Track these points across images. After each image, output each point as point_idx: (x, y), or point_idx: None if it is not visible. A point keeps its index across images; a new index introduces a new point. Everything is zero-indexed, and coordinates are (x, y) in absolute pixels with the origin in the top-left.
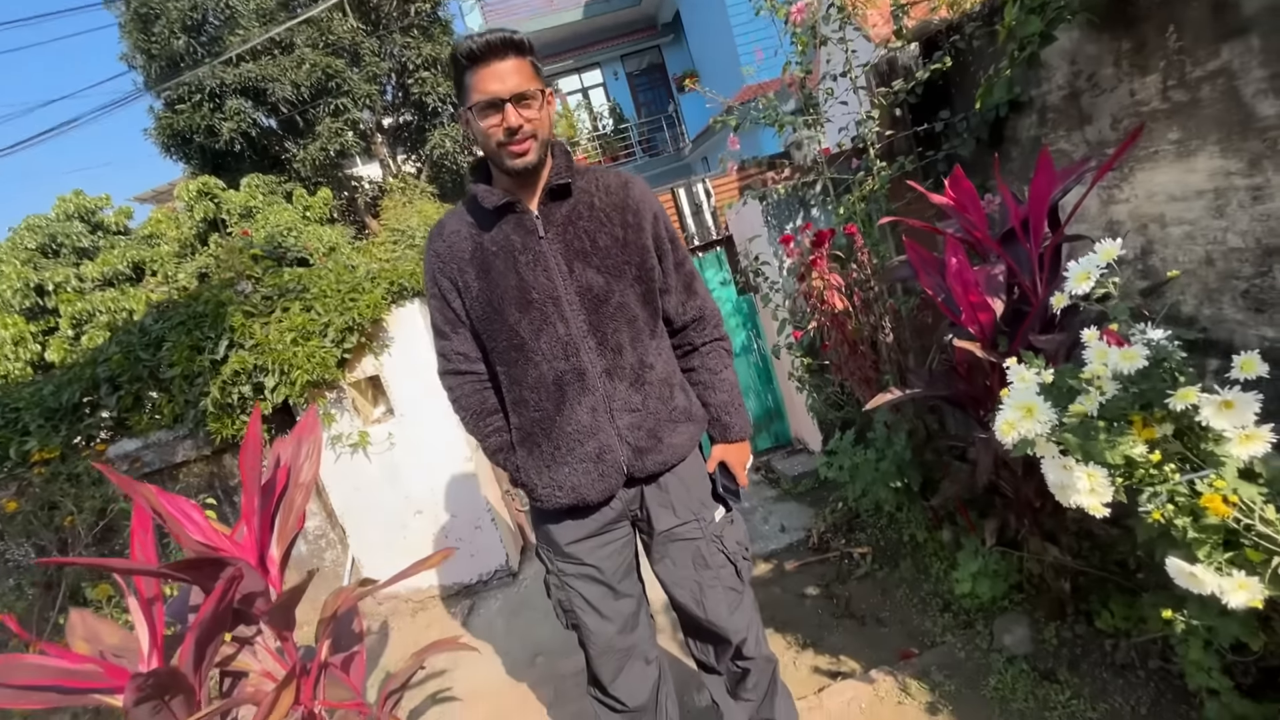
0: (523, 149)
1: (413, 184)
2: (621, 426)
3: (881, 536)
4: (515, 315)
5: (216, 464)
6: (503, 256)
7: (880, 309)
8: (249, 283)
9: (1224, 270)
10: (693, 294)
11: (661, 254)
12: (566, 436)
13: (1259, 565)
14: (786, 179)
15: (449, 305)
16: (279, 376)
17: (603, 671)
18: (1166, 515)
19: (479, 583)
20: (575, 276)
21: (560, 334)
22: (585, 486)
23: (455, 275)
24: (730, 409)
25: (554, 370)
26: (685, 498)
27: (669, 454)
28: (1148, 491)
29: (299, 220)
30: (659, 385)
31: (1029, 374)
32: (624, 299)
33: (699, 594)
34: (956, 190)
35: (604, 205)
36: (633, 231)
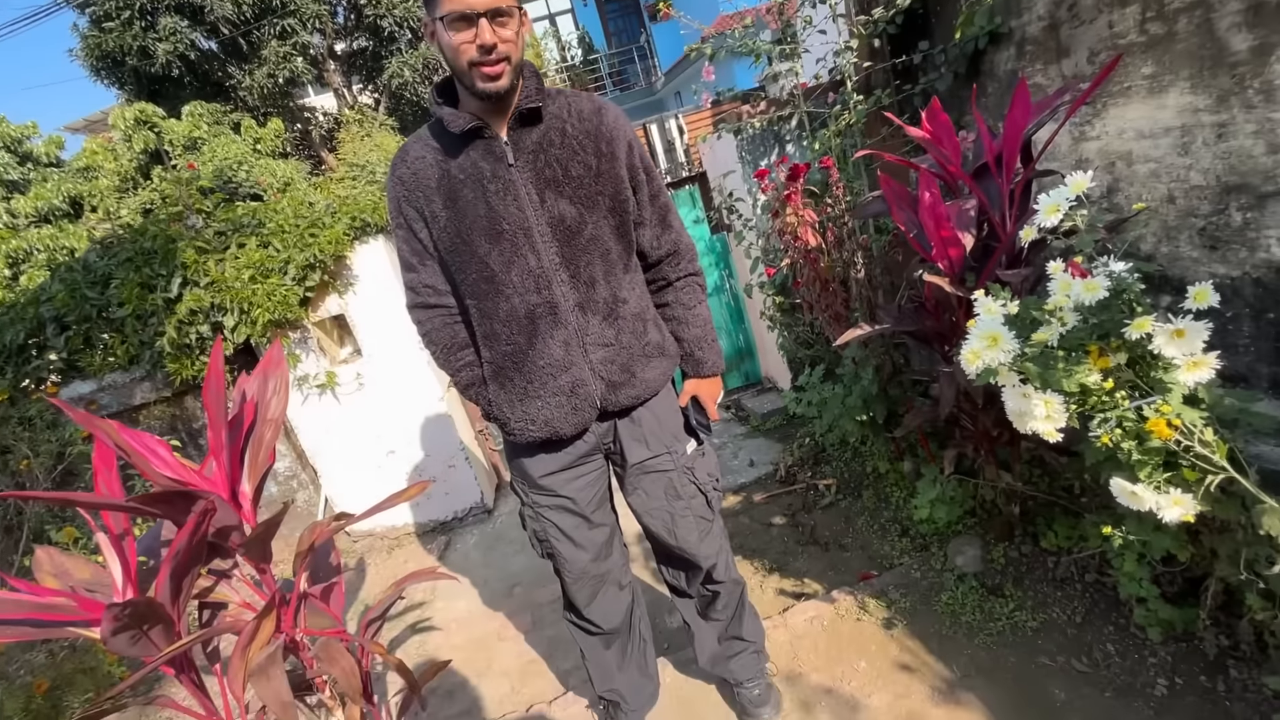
0: (496, 71)
1: (370, 116)
2: (595, 361)
3: (846, 469)
4: (485, 246)
5: (178, 406)
6: (471, 185)
7: (853, 245)
8: (199, 217)
9: (1184, 208)
10: (668, 227)
11: (636, 185)
12: (539, 370)
13: (1194, 484)
14: (762, 113)
15: (415, 236)
16: (239, 316)
17: (578, 597)
18: (1115, 439)
19: (454, 520)
20: (547, 207)
21: (531, 266)
22: (558, 420)
23: (421, 204)
24: (703, 344)
25: (526, 304)
26: (658, 431)
27: (642, 388)
28: (1099, 417)
29: (249, 153)
30: (632, 320)
31: (995, 305)
32: (597, 231)
33: (670, 523)
34: (933, 123)
35: (576, 132)
36: (606, 161)
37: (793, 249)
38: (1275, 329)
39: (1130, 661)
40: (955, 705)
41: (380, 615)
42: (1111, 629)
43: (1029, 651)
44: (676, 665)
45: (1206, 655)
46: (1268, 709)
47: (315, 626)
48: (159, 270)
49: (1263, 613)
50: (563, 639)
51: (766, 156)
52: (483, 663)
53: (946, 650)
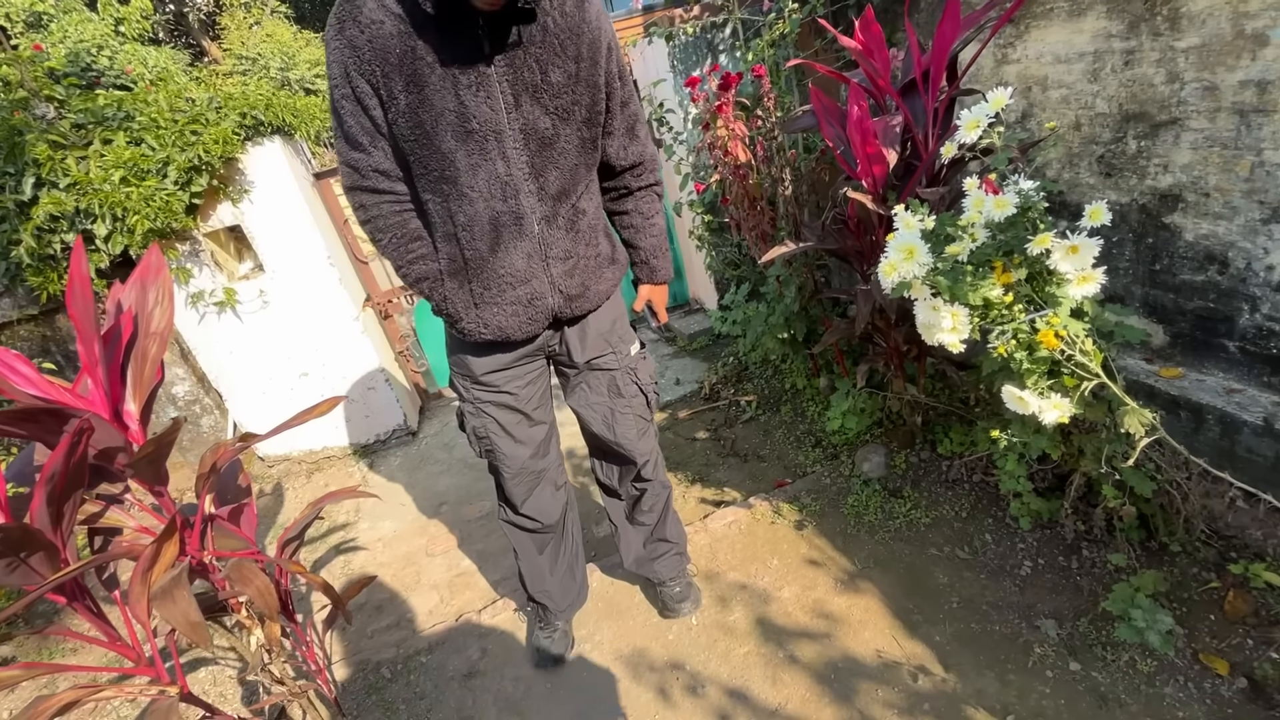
0: None
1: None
2: (555, 274)
3: (766, 386)
4: (450, 144)
5: (49, 325)
6: (440, 72)
7: (781, 162)
8: (51, 106)
9: (1088, 135)
10: (634, 137)
11: (610, 92)
12: (499, 279)
13: (1071, 390)
14: (695, 17)
15: (366, 113)
16: (112, 223)
17: (515, 493)
18: (1009, 349)
19: (377, 442)
20: (521, 112)
21: (500, 173)
22: (511, 328)
23: (377, 79)
24: (658, 253)
25: (490, 210)
26: (606, 332)
27: (594, 299)
28: (997, 330)
29: (110, 36)
30: (588, 231)
31: (913, 220)
32: (569, 143)
33: (610, 419)
34: (865, 34)
35: (559, 29)
36: (587, 66)
37: (722, 164)
38: (1151, 253)
39: (1003, 548)
40: (855, 593)
41: (298, 535)
42: (990, 521)
43: (920, 545)
44: (604, 570)
45: (1065, 540)
46: (1109, 580)
47: (225, 549)
48: (4, 168)
49: (1114, 501)
50: (491, 552)
51: (699, 66)
52: (411, 578)
53: (850, 547)
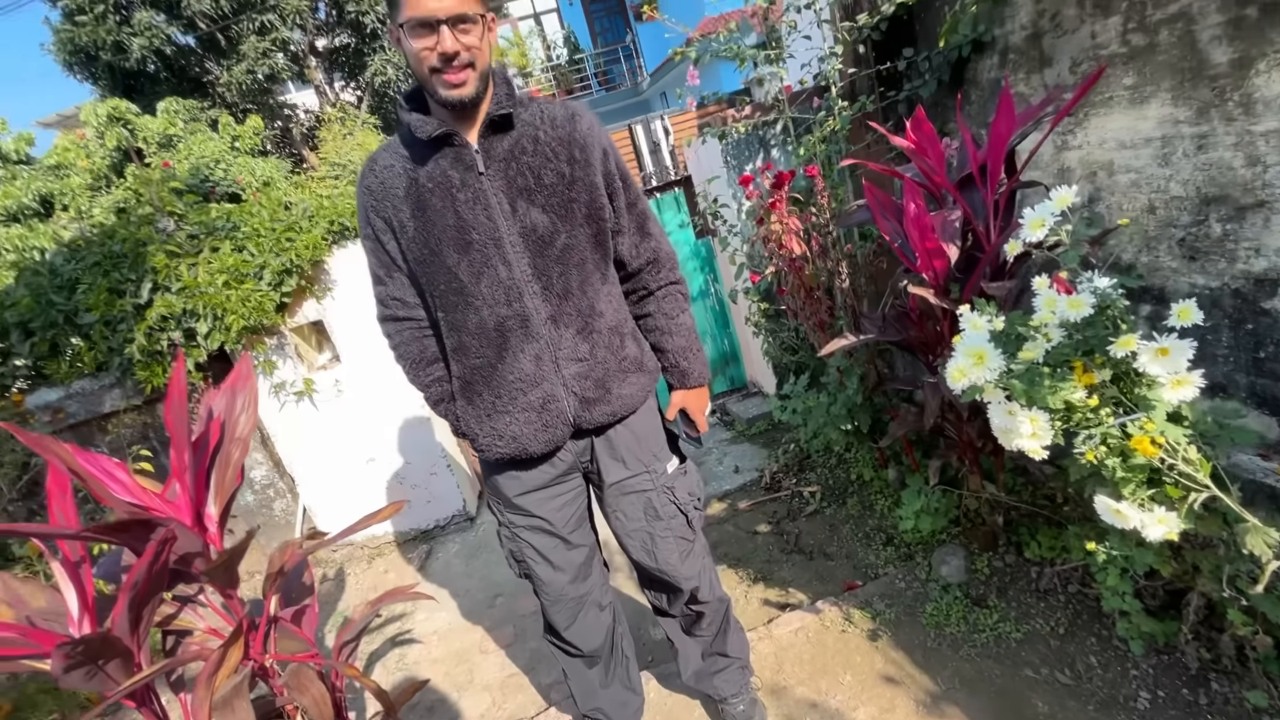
0: (459, 79)
1: (353, 114)
2: (568, 376)
3: (830, 476)
4: (454, 257)
5: (150, 414)
6: (439, 193)
7: (837, 254)
8: (171, 220)
9: (1164, 219)
10: (647, 235)
11: (613, 192)
12: (508, 385)
13: (1177, 501)
14: (746, 117)
15: (383, 248)
16: (212, 322)
17: (557, 619)
18: (1099, 456)
19: (436, 528)
20: (518, 216)
21: (502, 277)
22: (527, 437)
23: (390, 214)
24: (688, 354)
25: (495, 316)
26: (636, 449)
27: (618, 405)
28: (1083, 434)
29: (227, 151)
30: (608, 334)
31: (980, 321)
32: (572, 240)
33: (650, 544)
34: (917, 133)
35: (549, 139)
36: (580, 168)
37: (777, 256)
38: (1253, 340)
39: (1113, 674)
40: (940, 719)
41: (356, 636)
42: (1094, 641)
43: (1013, 664)
44: (660, 679)
45: (1188, 668)
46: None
47: (286, 651)
48: (128, 275)
49: (1244, 628)
50: (545, 653)
51: (751, 161)
52: (463, 676)
53: (931, 662)
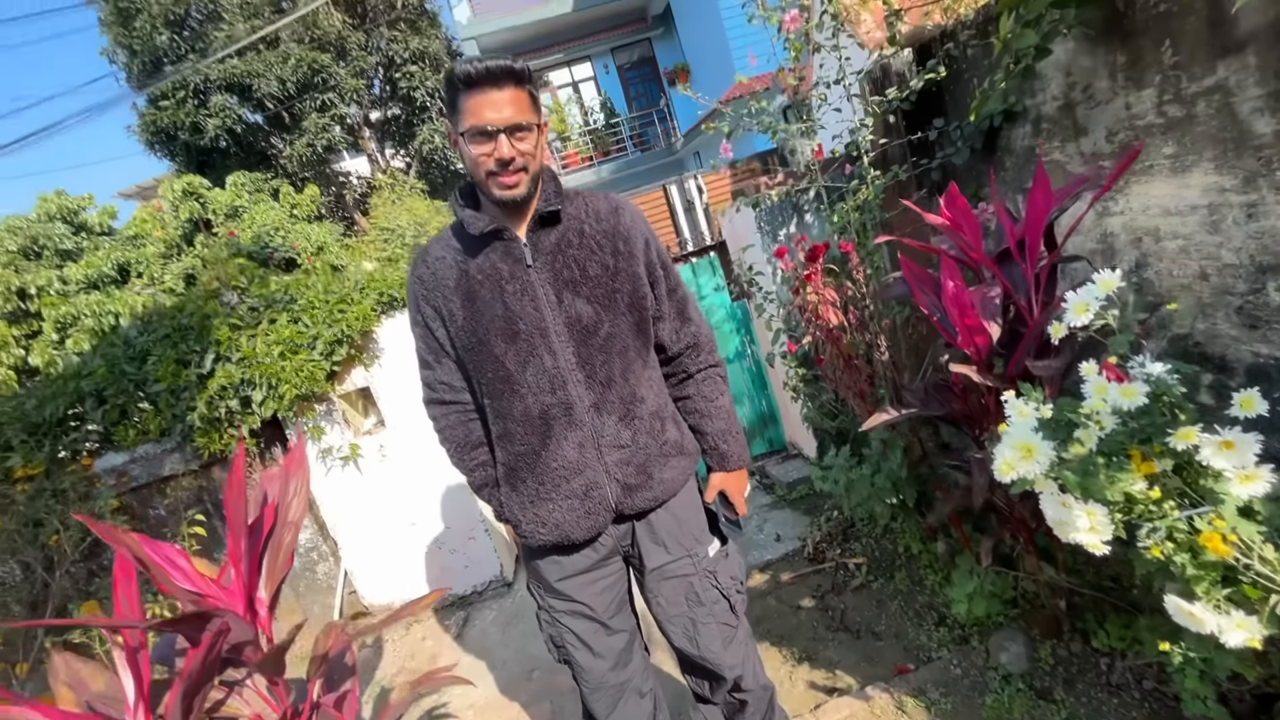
0: (513, 181)
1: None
2: (610, 463)
3: (876, 547)
4: (501, 346)
5: (206, 478)
6: (489, 285)
7: (876, 327)
8: (235, 293)
9: (1218, 286)
10: (686, 320)
11: (654, 280)
12: (552, 473)
13: (1257, 603)
14: (779, 184)
15: (433, 334)
16: (267, 390)
17: (597, 707)
18: (1166, 552)
19: (473, 594)
20: (564, 307)
21: (548, 366)
22: (570, 524)
23: (440, 303)
24: (728, 437)
25: (540, 404)
26: (677, 533)
27: (659, 490)
28: (1146, 527)
29: (286, 219)
30: (649, 419)
31: (1027, 409)
32: (615, 329)
33: (692, 630)
34: (952, 209)
35: (594, 232)
36: (624, 259)
37: (814, 326)
38: None
39: None
40: None
41: None
42: None
43: None
44: None
45: None
46: None
47: None
48: (194, 346)
49: None
50: None
51: (785, 226)
52: None
53: None
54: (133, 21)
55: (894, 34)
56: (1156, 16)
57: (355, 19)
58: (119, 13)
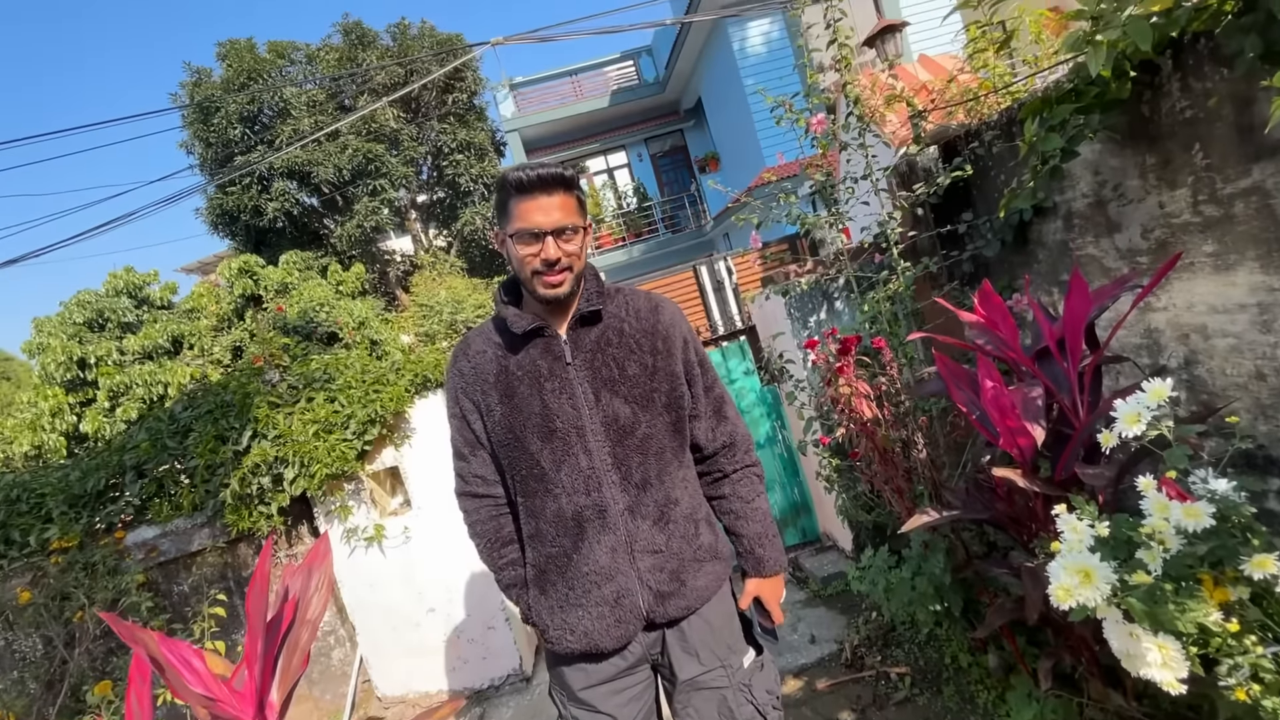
0: (558, 280)
1: (443, 259)
2: (643, 569)
3: (920, 655)
4: (537, 444)
5: (231, 554)
6: (528, 381)
7: (913, 423)
8: (277, 371)
9: (1278, 386)
10: (723, 419)
11: (691, 379)
12: (583, 578)
13: None
14: (809, 272)
15: (469, 426)
16: (299, 468)
17: None
18: (1253, 694)
19: (490, 688)
20: (602, 406)
21: (583, 466)
22: (599, 633)
23: (478, 397)
24: (764, 541)
25: (574, 505)
26: (710, 642)
27: (693, 598)
28: (1227, 664)
29: (331, 295)
30: (684, 522)
31: (1082, 526)
32: (651, 429)
33: None
34: (987, 306)
35: (634, 331)
36: (663, 359)
37: (848, 418)
38: None
39: None
40: None
41: None
42: None
43: None
44: None
45: None
46: None
47: None
48: (234, 423)
49: None
50: None
51: (815, 314)
52: None
53: None
54: (211, 118)
55: (919, 133)
56: (1184, 121)
57: (409, 113)
58: (200, 110)
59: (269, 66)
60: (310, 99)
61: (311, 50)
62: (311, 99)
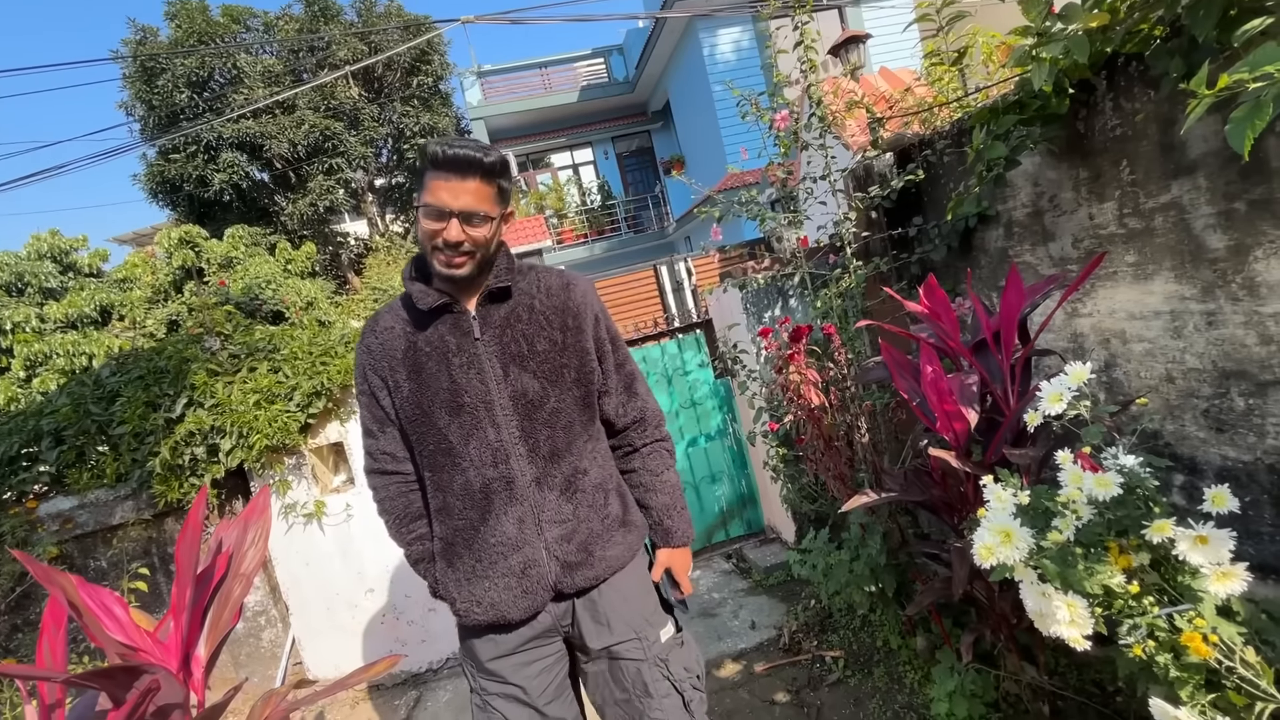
0: (457, 263)
1: (399, 243)
2: (550, 539)
3: (854, 640)
4: (445, 419)
5: (157, 528)
6: (435, 357)
7: (856, 409)
8: (218, 339)
9: (1184, 389)
10: (633, 395)
11: (602, 355)
12: (490, 549)
13: (1243, 710)
14: (766, 269)
15: (378, 403)
16: (237, 439)
17: None
18: (1148, 651)
19: (429, 671)
20: (510, 380)
21: (490, 439)
22: (506, 604)
23: (386, 374)
24: (672, 512)
25: (482, 477)
26: (625, 612)
27: (601, 568)
28: (1127, 624)
29: (279, 273)
30: (592, 491)
31: (1005, 494)
32: (560, 403)
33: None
34: (931, 299)
35: (544, 308)
36: (572, 335)
37: (796, 405)
38: None
39: None
40: None
41: None
42: None
43: None
44: None
45: None
46: None
47: None
48: (167, 390)
49: None
50: None
51: (770, 309)
52: None
53: None
54: (156, 80)
55: (876, 138)
56: (1114, 139)
57: (371, 92)
58: (144, 70)
59: (222, 31)
60: (266, 69)
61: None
62: (267, 69)
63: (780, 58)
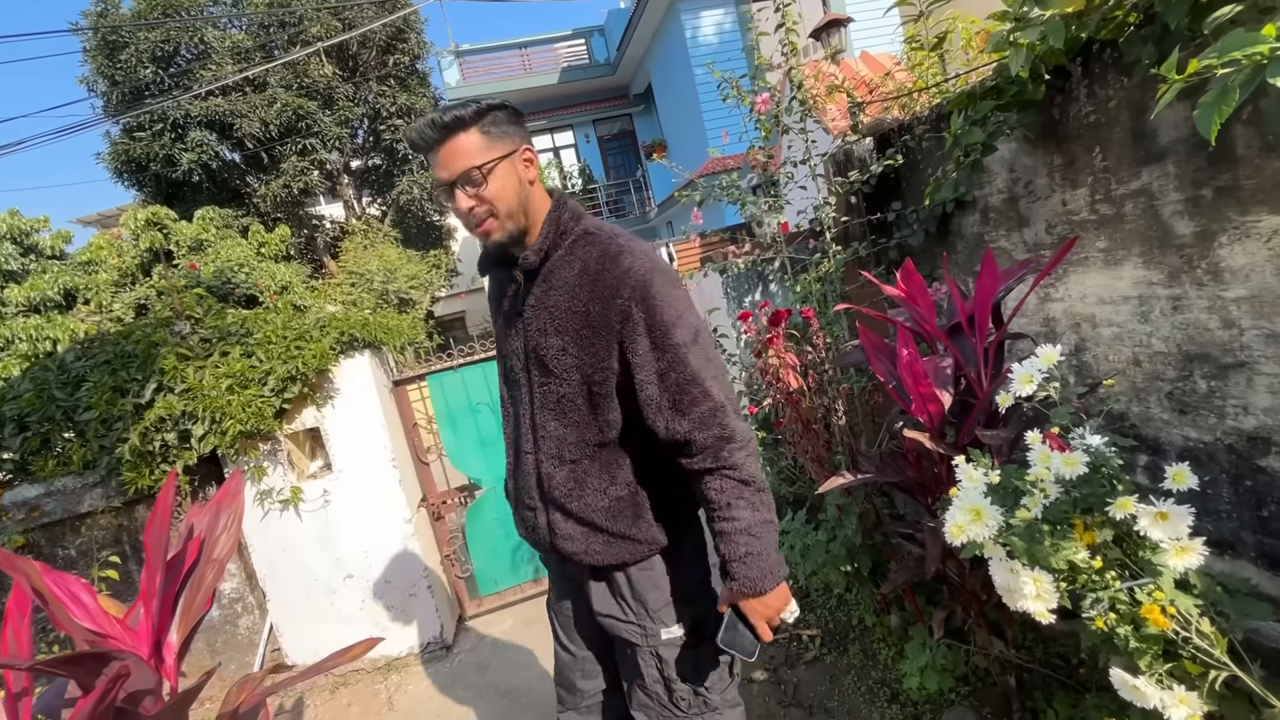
0: (483, 230)
1: (376, 227)
2: (554, 518)
3: (831, 618)
4: (502, 368)
5: (127, 516)
6: (495, 305)
7: (834, 391)
8: (188, 323)
9: (1150, 372)
10: (679, 413)
11: (633, 360)
12: (516, 490)
13: (1197, 678)
14: (747, 254)
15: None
16: (209, 425)
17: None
18: (1109, 623)
19: (409, 655)
20: (530, 363)
21: (523, 407)
22: (524, 535)
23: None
24: (738, 558)
25: (513, 436)
26: (625, 593)
27: (595, 561)
28: (1090, 597)
29: (252, 256)
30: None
31: (977, 474)
32: (571, 401)
33: (629, 691)
34: (907, 283)
35: (574, 290)
36: (590, 332)
37: (774, 389)
38: (1254, 497)
39: None
40: None
41: None
42: None
43: None
44: None
45: None
46: None
47: None
48: (135, 375)
49: None
50: None
51: (750, 293)
52: None
53: None
54: (119, 54)
55: (856, 123)
56: (1088, 125)
57: (346, 71)
58: (105, 44)
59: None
60: (234, 44)
61: None
62: (236, 44)
63: (762, 41)
